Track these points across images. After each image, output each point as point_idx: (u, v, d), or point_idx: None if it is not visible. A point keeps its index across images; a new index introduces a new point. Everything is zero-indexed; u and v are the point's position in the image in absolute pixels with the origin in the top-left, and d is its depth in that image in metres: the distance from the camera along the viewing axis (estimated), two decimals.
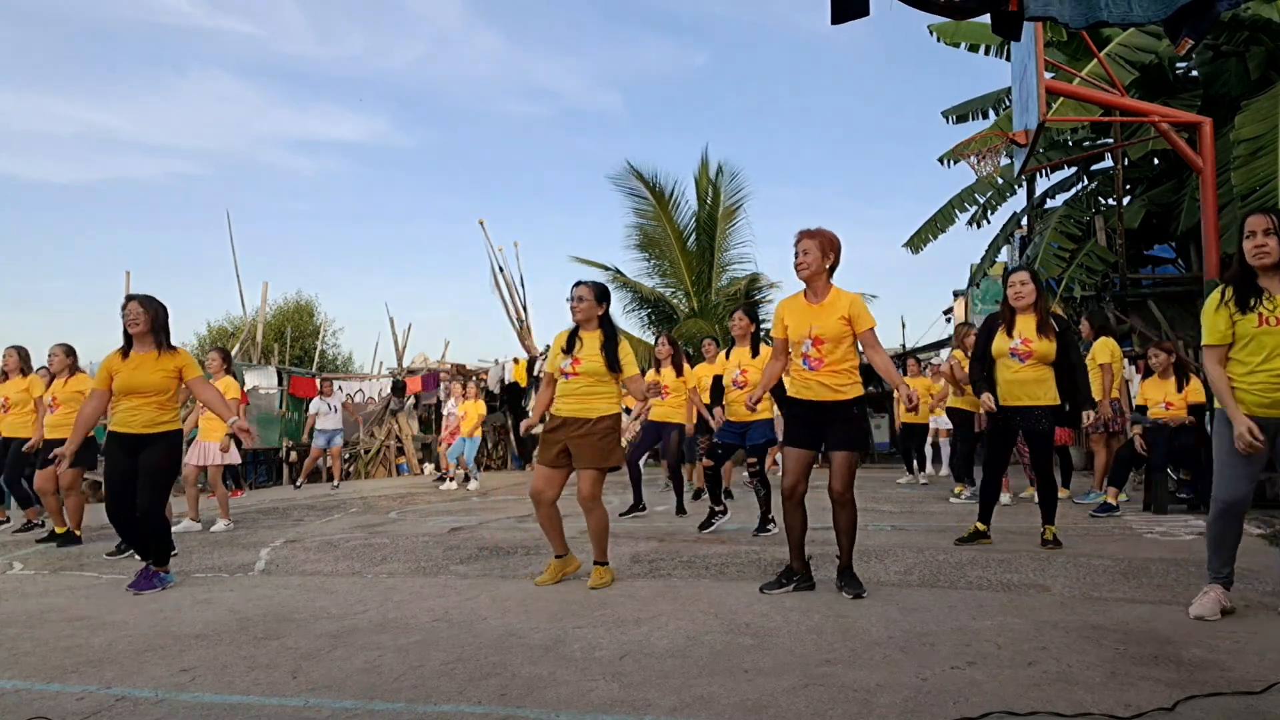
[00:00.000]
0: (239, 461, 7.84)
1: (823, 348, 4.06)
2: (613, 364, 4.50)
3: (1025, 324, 5.26)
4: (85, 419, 5.02)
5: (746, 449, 6.45)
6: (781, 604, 3.97)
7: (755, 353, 6.45)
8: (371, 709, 2.73)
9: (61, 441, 6.78)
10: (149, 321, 4.88)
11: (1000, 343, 5.28)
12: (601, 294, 4.65)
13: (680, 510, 7.67)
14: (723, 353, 6.68)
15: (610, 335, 4.59)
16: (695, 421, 7.82)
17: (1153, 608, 3.72)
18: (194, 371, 5.01)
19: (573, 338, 4.62)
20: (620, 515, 7.59)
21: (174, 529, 7.25)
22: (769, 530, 6.23)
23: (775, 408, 7.28)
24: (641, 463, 8.18)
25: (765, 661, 3.08)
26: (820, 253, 4.10)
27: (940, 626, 3.49)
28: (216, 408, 5.17)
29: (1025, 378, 5.19)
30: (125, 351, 4.91)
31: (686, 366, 7.89)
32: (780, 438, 9.88)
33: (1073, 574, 4.50)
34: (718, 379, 6.64)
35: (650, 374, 8.05)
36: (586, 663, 3.14)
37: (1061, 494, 8.03)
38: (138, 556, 4.95)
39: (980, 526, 5.47)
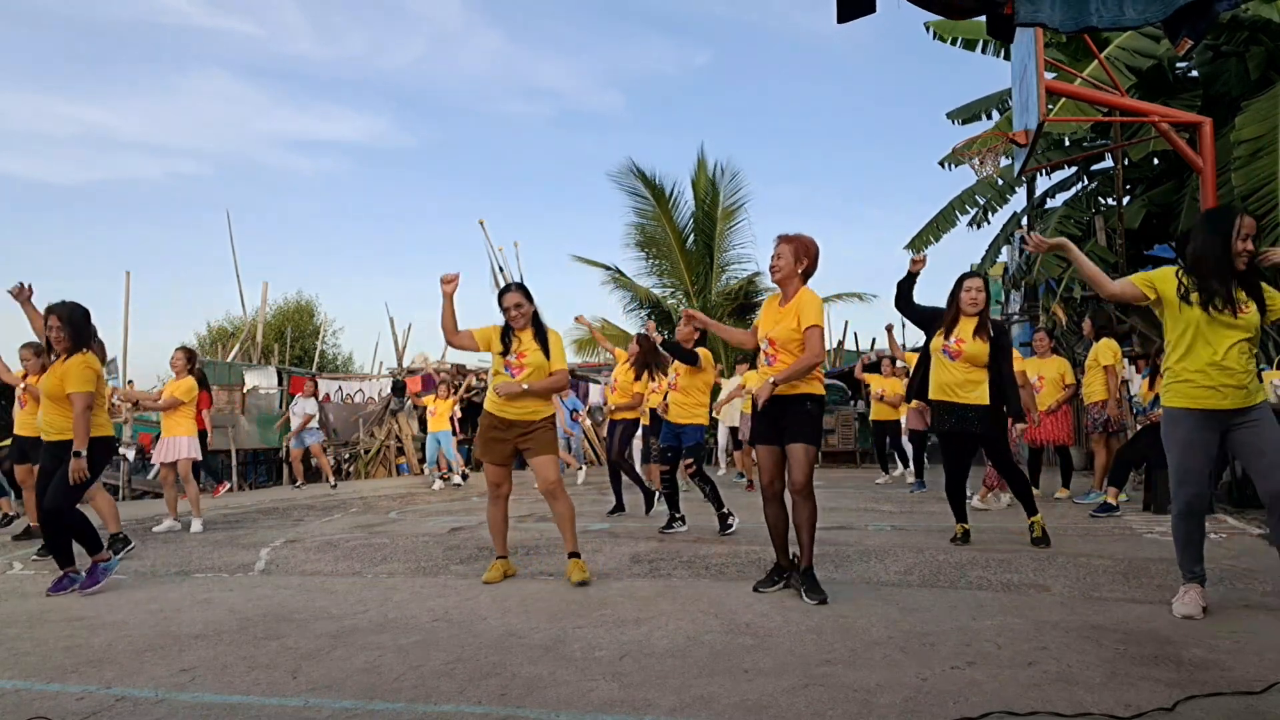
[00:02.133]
0: (196, 457, 7.77)
1: (775, 346, 4.17)
2: (547, 353, 4.70)
3: (966, 326, 5.42)
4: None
5: (684, 450, 6.52)
6: (781, 604, 3.97)
7: (693, 360, 6.52)
8: (371, 709, 2.73)
9: (34, 439, 6.84)
10: (69, 338, 4.85)
11: (936, 340, 5.48)
12: (529, 295, 4.81)
13: (649, 508, 7.68)
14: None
15: (539, 329, 4.77)
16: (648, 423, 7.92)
17: (1153, 608, 3.72)
18: (74, 384, 4.74)
19: (506, 336, 4.76)
20: (607, 514, 7.65)
21: (155, 529, 7.30)
22: (731, 527, 6.34)
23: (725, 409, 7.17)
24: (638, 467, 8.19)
25: (765, 661, 3.08)
26: (793, 258, 4.19)
27: (940, 626, 3.49)
28: (75, 429, 4.75)
29: (952, 377, 5.36)
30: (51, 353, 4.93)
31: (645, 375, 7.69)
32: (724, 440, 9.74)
33: (1073, 574, 4.50)
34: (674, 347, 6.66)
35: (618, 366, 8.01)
36: (586, 663, 3.14)
37: (1061, 494, 8.06)
38: (54, 561, 4.88)
39: (963, 526, 5.65)
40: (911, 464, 10.40)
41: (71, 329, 4.87)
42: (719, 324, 5.04)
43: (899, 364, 11.56)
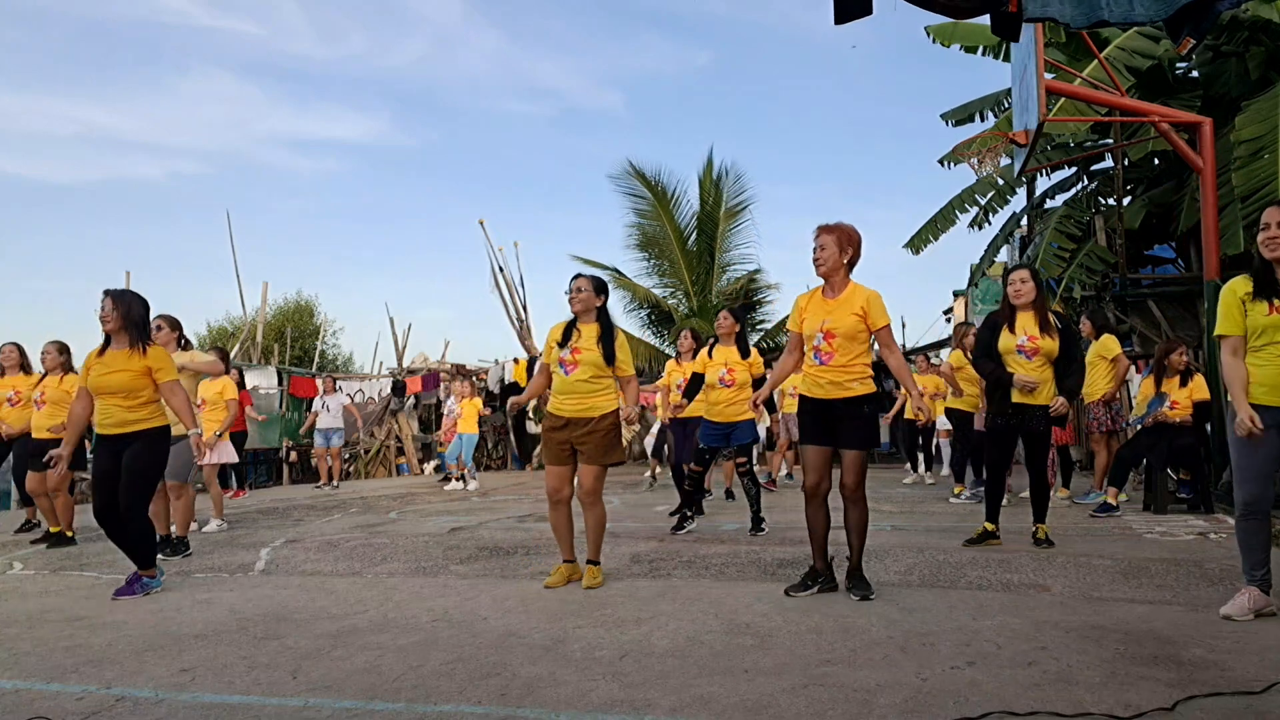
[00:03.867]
0: (236, 460, 7.81)
1: (834, 341, 4.04)
2: (609, 356, 4.51)
3: (1027, 321, 5.27)
4: (76, 418, 4.87)
5: (734, 449, 6.43)
6: (782, 604, 3.97)
7: (745, 354, 6.41)
8: (371, 709, 2.73)
9: (52, 442, 6.84)
10: (120, 318, 4.70)
11: (1006, 340, 5.28)
12: (600, 287, 4.67)
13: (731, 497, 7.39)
14: (704, 351, 6.61)
15: (607, 328, 4.60)
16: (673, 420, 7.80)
17: (1153, 608, 3.72)
18: (167, 374, 4.77)
19: (569, 330, 4.62)
20: (672, 531, 6.58)
21: (204, 529, 7.28)
22: (763, 530, 6.24)
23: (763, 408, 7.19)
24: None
25: (765, 661, 3.08)
26: (838, 248, 4.10)
27: (940, 626, 3.49)
28: (183, 415, 4.84)
29: (1031, 377, 5.20)
30: (102, 349, 4.76)
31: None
32: (761, 437, 9.78)
33: (1073, 574, 4.50)
34: (697, 376, 6.56)
35: (670, 365, 8.08)
36: (586, 663, 3.14)
37: (1061, 494, 8.05)
38: (131, 560, 4.81)
39: (989, 526, 5.46)
40: (949, 467, 10.34)
41: (126, 310, 4.72)
42: (771, 383, 4.68)
43: (933, 360, 11.48)
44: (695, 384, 6.52)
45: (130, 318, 4.74)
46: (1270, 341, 3.46)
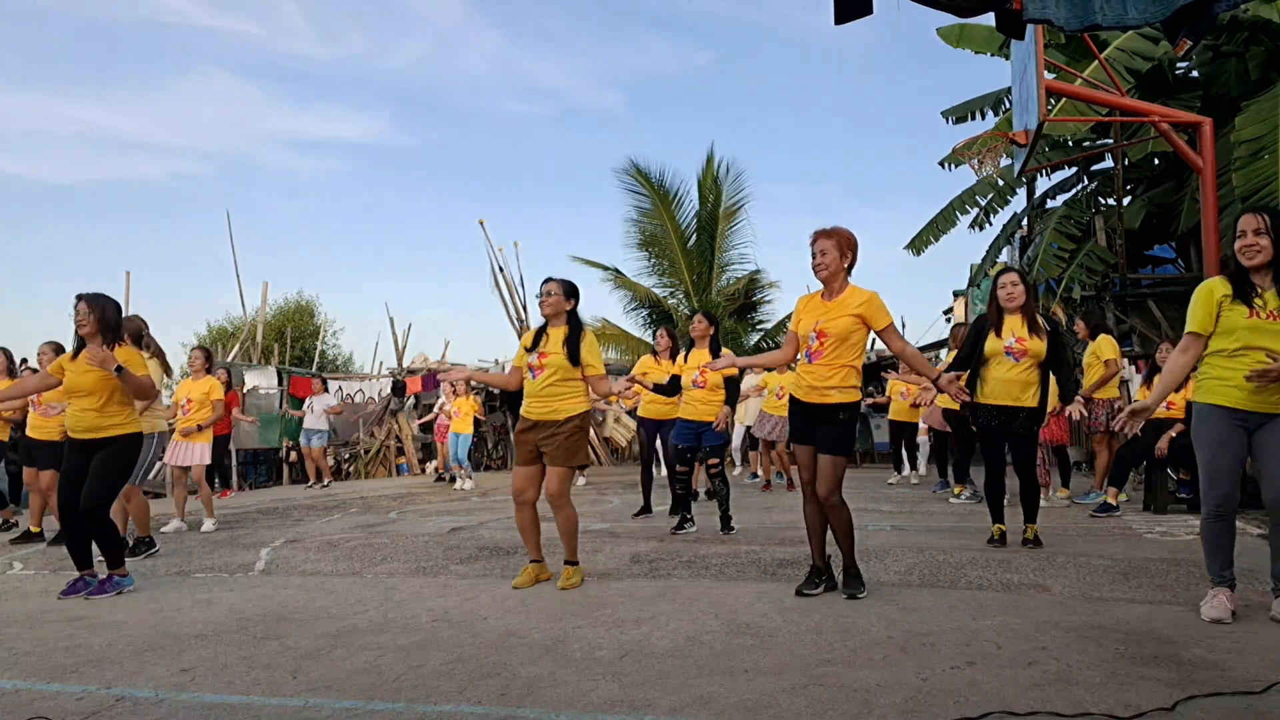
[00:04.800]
0: (208, 461, 7.80)
1: (825, 341, 4.07)
2: (574, 357, 4.53)
3: (1015, 323, 5.30)
4: (29, 384, 5.00)
5: (705, 450, 6.49)
6: (781, 604, 3.97)
7: (716, 356, 6.50)
8: (371, 709, 2.73)
9: (47, 442, 6.87)
10: (96, 321, 4.71)
11: (993, 343, 5.31)
12: (570, 291, 4.71)
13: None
14: (680, 354, 6.83)
15: (574, 329, 4.63)
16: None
17: (1153, 608, 3.72)
18: (136, 370, 4.76)
19: (539, 335, 4.66)
20: (633, 516, 7.54)
21: (163, 529, 7.27)
22: (732, 529, 6.36)
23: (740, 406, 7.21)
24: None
25: (765, 661, 3.09)
26: (838, 252, 4.11)
27: (940, 626, 3.49)
28: (131, 393, 4.78)
29: (1015, 377, 5.22)
30: (76, 352, 4.78)
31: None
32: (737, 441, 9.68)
33: (1073, 574, 4.50)
34: (675, 378, 6.63)
35: (646, 360, 8.03)
36: (586, 663, 3.14)
37: (1061, 494, 8.05)
38: (71, 560, 4.83)
39: (1000, 528, 5.50)
40: (924, 464, 10.33)
41: (101, 313, 4.73)
42: (748, 359, 5.06)
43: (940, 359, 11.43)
44: (675, 385, 6.61)
45: (105, 320, 4.77)
46: (1246, 346, 3.43)
